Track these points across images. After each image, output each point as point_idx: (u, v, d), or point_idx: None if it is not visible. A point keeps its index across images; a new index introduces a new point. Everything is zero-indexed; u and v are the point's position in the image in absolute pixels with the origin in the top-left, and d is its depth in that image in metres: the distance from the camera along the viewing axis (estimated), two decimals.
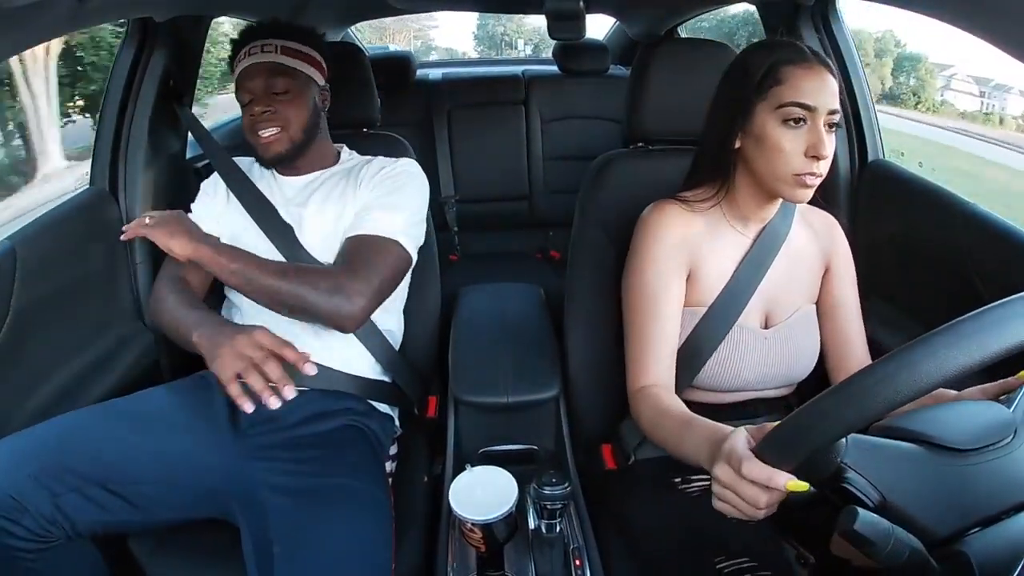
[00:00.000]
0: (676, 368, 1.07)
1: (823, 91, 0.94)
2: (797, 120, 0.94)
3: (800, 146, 0.95)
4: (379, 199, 1.22)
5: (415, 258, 1.26)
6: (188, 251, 1.15)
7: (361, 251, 1.17)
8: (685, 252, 1.07)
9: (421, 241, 1.29)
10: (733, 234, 1.10)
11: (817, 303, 1.14)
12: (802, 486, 0.63)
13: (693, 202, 1.09)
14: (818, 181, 0.96)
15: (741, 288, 1.08)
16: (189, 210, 1.33)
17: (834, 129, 0.96)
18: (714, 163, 1.08)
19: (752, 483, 0.66)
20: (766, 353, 1.08)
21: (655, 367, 1.05)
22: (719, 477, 0.70)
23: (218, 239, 1.21)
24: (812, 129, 0.94)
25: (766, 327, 1.11)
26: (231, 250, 1.17)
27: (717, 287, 1.08)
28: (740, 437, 0.70)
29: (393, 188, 1.24)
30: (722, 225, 1.10)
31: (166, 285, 1.19)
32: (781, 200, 1.08)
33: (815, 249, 1.13)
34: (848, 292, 1.14)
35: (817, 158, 0.94)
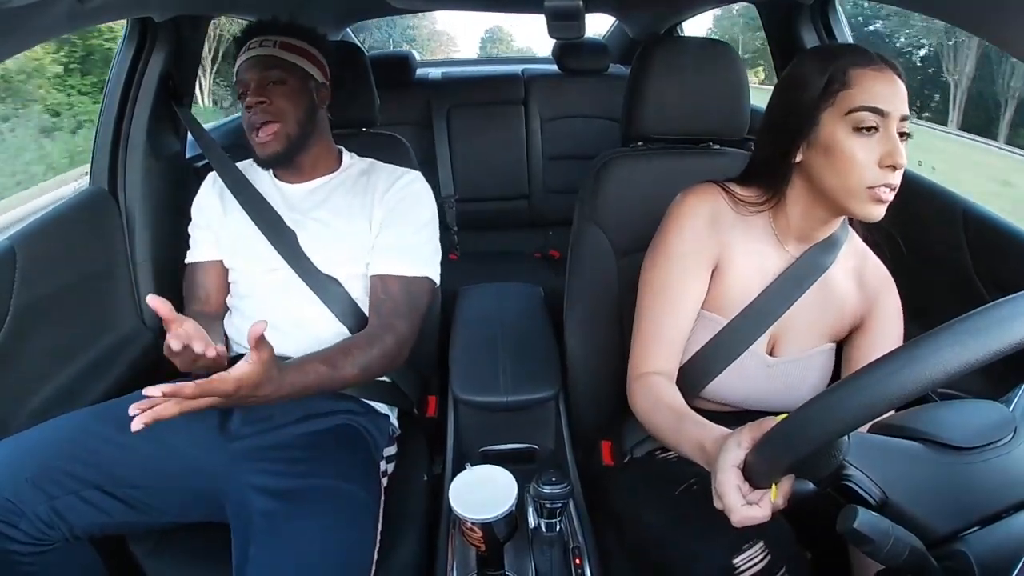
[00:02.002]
0: (682, 380, 1.03)
1: (896, 95, 0.87)
2: (870, 128, 0.87)
3: (874, 156, 0.87)
4: (403, 236, 1.24)
5: (439, 282, 1.29)
6: (264, 377, 0.94)
7: (397, 295, 1.20)
8: (715, 242, 1.01)
9: (440, 257, 1.31)
10: (774, 248, 1.03)
11: (842, 347, 1.07)
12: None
13: (740, 200, 1.02)
14: (892, 196, 0.89)
15: (768, 310, 1.02)
16: (187, 208, 1.33)
17: (905, 139, 0.88)
18: (769, 172, 1.00)
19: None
20: (767, 382, 1.03)
21: (659, 356, 1.01)
22: (716, 505, 0.72)
23: (279, 372, 0.97)
24: (885, 136, 0.87)
25: (772, 353, 1.05)
26: (301, 364, 1.04)
27: (741, 298, 1.02)
28: (728, 484, 0.70)
29: (411, 222, 1.25)
30: (763, 235, 1.03)
31: None
32: (836, 224, 1.02)
33: (856, 294, 1.05)
34: (891, 344, 1.02)
35: (893, 168, 0.86)
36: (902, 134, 0.88)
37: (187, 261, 1.32)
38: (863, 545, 0.57)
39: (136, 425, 0.82)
